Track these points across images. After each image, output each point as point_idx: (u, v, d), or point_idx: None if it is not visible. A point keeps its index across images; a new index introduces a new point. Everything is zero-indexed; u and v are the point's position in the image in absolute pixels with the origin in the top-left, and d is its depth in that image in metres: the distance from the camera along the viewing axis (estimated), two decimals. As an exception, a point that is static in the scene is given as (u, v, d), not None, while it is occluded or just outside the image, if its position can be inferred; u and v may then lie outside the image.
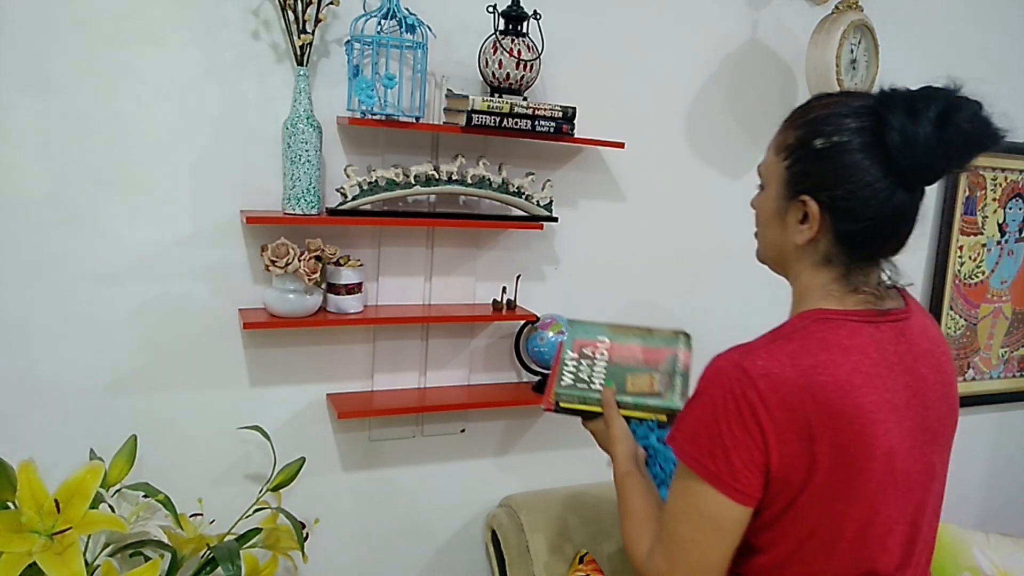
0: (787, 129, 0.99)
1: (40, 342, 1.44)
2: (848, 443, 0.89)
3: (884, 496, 0.93)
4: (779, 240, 1.01)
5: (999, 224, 2.40)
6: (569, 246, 1.84)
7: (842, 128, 0.92)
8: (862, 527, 0.93)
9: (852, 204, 0.92)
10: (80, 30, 1.37)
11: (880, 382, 0.92)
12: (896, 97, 0.92)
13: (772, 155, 1.01)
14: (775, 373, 0.89)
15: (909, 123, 0.89)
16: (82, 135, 1.40)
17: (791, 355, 0.90)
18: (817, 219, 0.94)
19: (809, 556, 0.94)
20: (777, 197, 0.99)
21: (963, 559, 2.07)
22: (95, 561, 1.33)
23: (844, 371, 0.90)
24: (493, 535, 1.79)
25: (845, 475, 0.90)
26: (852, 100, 0.95)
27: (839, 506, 0.91)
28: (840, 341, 0.92)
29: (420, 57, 1.51)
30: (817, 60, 1.86)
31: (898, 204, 0.92)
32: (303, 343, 1.63)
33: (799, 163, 0.96)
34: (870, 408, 0.90)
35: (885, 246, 0.97)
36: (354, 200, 1.50)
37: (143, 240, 1.47)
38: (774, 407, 0.88)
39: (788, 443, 0.89)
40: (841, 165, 0.92)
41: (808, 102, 1.00)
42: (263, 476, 1.60)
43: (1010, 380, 2.54)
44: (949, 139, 0.89)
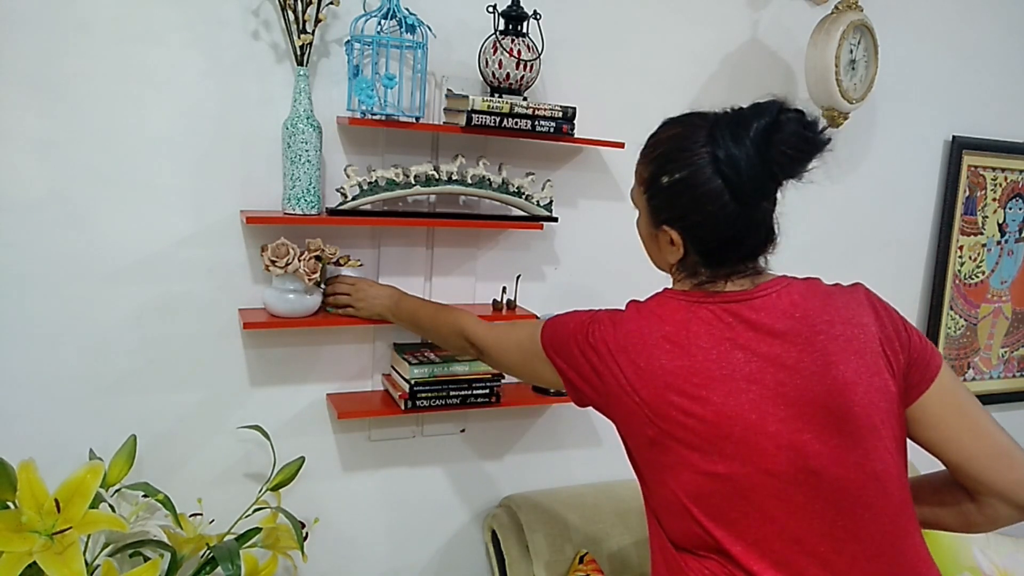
0: (643, 161, 1.10)
1: (40, 342, 1.44)
2: (655, 397, 1.00)
3: (708, 454, 0.99)
4: (657, 258, 1.14)
5: (999, 224, 2.40)
6: (569, 246, 1.84)
7: (684, 163, 1.02)
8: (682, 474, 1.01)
9: (703, 230, 1.03)
10: (81, 30, 1.37)
11: (700, 352, 1.00)
12: (722, 123, 1.01)
13: (637, 185, 1.12)
14: (607, 333, 1.07)
15: (734, 149, 0.98)
16: (82, 135, 1.40)
17: (620, 319, 1.08)
18: (680, 244, 1.06)
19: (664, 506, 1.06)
20: (647, 224, 1.11)
21: (963, 559, 2.07)
22: (95, 561, 1.33)
23: (656, 337, 1.03)
24: (493, 535, 1.79)
25: (661, 429, 1.00)
26: (693, 130, 1.03)
27: (662, 457, 1.02)
28: (665, 315, 1.05)
29: (420, 57, 1.51)
30: (817, 60, 1.86)
31: (745, 220, 1.02)
32: (303, 343, 1.63)
33: (654, 198, 1.07)
34: (674, 370, 1.00)
35: (739, 255, 1.05)
36: (354, 200, 1.50)
37: (143, 240, 1.47)
38: (612, 364, 1.05)
39: (614, 386, 1.05)
40: (688, 198, 1.02)
41: (657, 131, 1.10)
42: (263, 476, 1.60)
43: (1010, 380, 2.54)
44: (771, 158, 0.97)
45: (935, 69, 2.20)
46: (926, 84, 2.20)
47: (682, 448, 1.00)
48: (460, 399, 1.63)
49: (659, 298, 1.09)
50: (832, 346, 1.00)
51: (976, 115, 2.28)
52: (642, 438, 1.04)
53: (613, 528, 1.78)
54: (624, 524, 1.79)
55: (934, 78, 2.20)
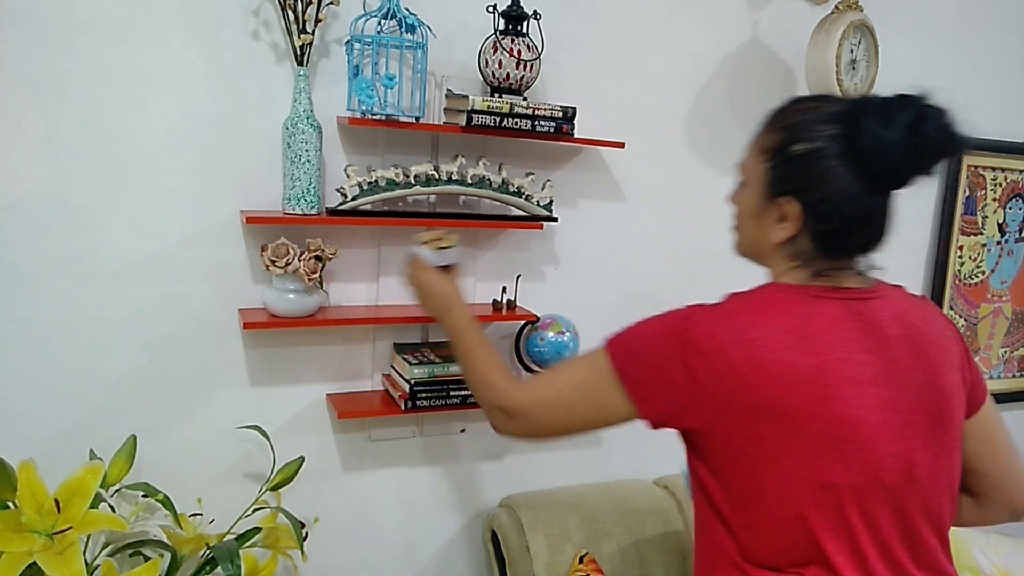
0: (768, 131, 1.04)
1: (40, 342, 1.44)
2: (782, 397, 0.93)
3: (830, 461, 0.95)
4: (757, 237, 1.07)
5: (999, 224, 2.40)
6: (569, 246, 1.84)
7: (819, 133, 0.98)
8: (798, 481, 0.96)
9: (827, 207, 0.98)
10: (81, 30, 1.37)
11: (828, 350, 0.95)
12: (870, 104, 0.97)
13: (754, 155, 1.06)
14: (713, 325, 0.97)
15: (881, 129, 0.94)
16: (83, 135, 1.40)
17: (729, 311, 1.00)
18: (796, 220, 1.00)
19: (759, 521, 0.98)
20: (758, 196, 1.05)
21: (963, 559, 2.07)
22: (95, 561, 1.33)
23: (779, 330, 0.96)
24: (493, 535, 1.79)
25: (781, 431, 0.94)
26: (829, 106, 1.00)
27: (771, 467, 0.95)
28: (786, 308, 0.98)
29: (420, 57, 1.51)
30: (817, 60, 1.86)
31: (870, 207, 0.99)
32: (303, 343, 1.63)
33: (779, 167, 1.01)
34: (804, 368, 0.94)
35: (856, 244, 1.03)
36: (354, 200, 1.50)
37: (143, 240, 1.47)
38: (715, 362, 0.95)
39: (716, 395, 0.95)
40: (818, 170, 0.98)
41: (787, 105, 1.04)
42: (263, 476, 1.60)
43: (1010, 380, 2.54)
44: (918, 146, 0.94)
45: (935, 69, 2.20)
46: (926, 84, 2.19)
47: (801, 454, 0.94)
48: (460, 399, 1.63)
49: (770, 291, 1.02)
50: (937, 357, 1.02)
51: (976, 115, 2.26)
52: (746, 445, 0.96)
53: (613, 528, 1.78)
54: (624, 524, 1.79)
55: (934, 78, 2.20)
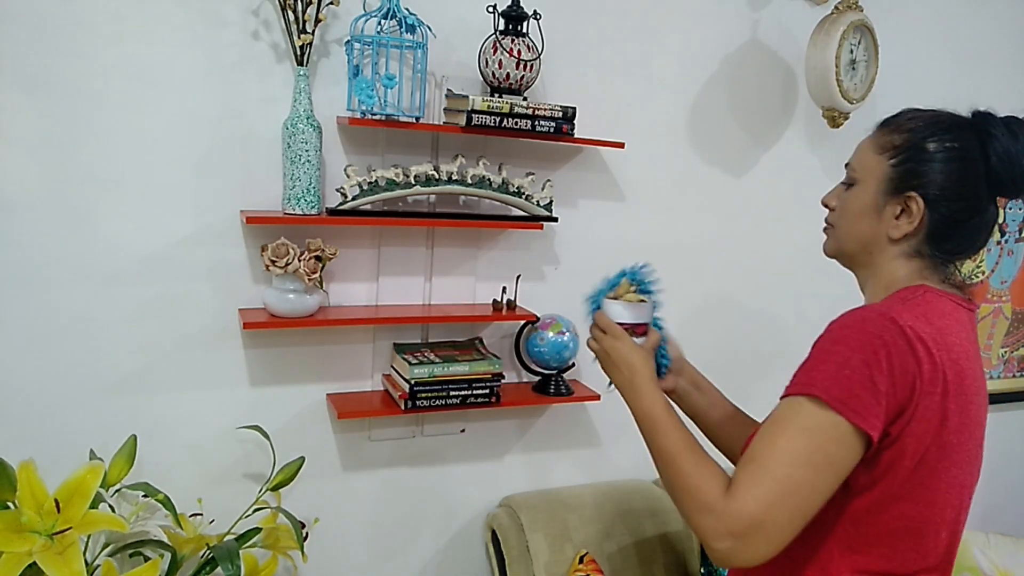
0: (890, 132, 1.07)
1: (40, 342, 1.44)
2: (967, 406, 0.95)
3: (972, 468, 1.01)
4: (869, 233, 1.06)
5: (999, 224, 2.39)
6: (569, 246, 1.84)
7: (951, 136, 1.02)
8: (949, 501, 0.99)
9: (954, 205, 1.01)
10: (81, 30, 1.37)
11: (973, 354, 1.00)
12: (995, 118, 1.04)
13: (872, 154, 1.07)
14: (920, 328, 0.93)
15: (1010, 141, 1.02)
16: (82, 135, 1.40)
17: (925, 315, 0.96)
18: (919, 215, 1.02)
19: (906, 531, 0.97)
20: (876, 193, 1.05)
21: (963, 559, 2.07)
22: (95, 561, 1.33)
23: (960, 339, 0.97)
24: (493, 535, 1.79)
25: (963, 438, 0.96)
26: (949, 115, 1.06)
27: (954, 470, 0.97)
28: (951, 312, 1.00)
29: (420, 57, 1.51)
30: (817, 60, 1.86)
31: (984, 211, 1.04)
32: (303, 343, 1.63)
33: (909, 162, 1.03)
34: (976, 377, 0.98)
35: (964, 248, 1.05)
36: (354, 200, 1.50)
37: (143, 240, 1.47)
38: (923, 358, 0.91)
39: (932, 395, 0.92)
40: (948, 168, 1.01)
41: (905, 111, 1.09)
42: (263, 476, 1.60)
43: (1010, 380, 2.54)
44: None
45: (935, 69, 2.20)
46: (926, 84, 2.19)
47: (960, 457, 0.97)
48: (460, 399, 1.63)
49: (933, 295, 1.01)
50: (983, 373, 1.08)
51: (976, 115, 2.28)
52: (921, 451, 0.93)
53: (613, 528, 1.78)
54: (624, 524, 1.80)
55: (934, 78, 2.20)
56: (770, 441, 0.90)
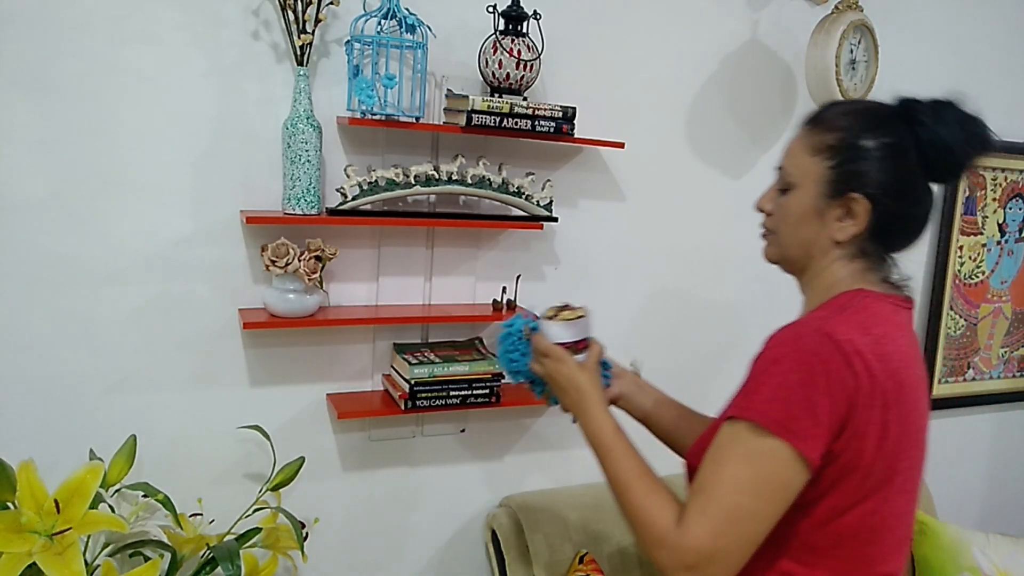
0: (821, 131, 1.03)
1: (40, 342, 1.44)
2: (909, 414, 0.95)
3: (916, 472, 1.01)
4: (812, 238, 1.04)
5: (999, 224, 2.40)
6: (569, 246, 1.84)
7: (887, 130, 0.99)
8: (910, 500, 1.00)
9: (897, 201, 0.99)
10: (81, 30, 1.37)
11: (915, 361, 0.99)
12: (920, 104, 1.00)
13: (806, 156, 1.04)
14: (858, 340, 0.91)
15: (939, 126, 0.97)
16: (82, 135, 1.40)
17: (863, 324, 0.94)
18: (864, 216, 0.99)
19: (865, 535, 0.97)
20: (815, 196, 1.02)
21: (963, 559, 2.07)
22: (95, 561, 1.33)
23: (899, 344, 0.96)
24: (493, 535, 1.79)
25: (905, 446, 0.96)
26: (875, 106, 1.03)
27: (899, 479, 0.96)
28: (890, 317, 0.98)
29: (420, 57, 1.51)
30: (817, 60, 1.86)
31: (929, 202, 1.02)
32: (303, 343, 1.63)
33: (847, 163, 1.00)
34: (916, 384, 0.97)
35: (907, 241, 1.04)
36: (354, 200, 1.50)
37: (143, 240, 1.47)
38: (860, 373, 0.90)
39: (871, 408, 0.91)
40: (890, 164, 0.98)
41: (830, 106, 1.05)
42: (263, 476, 1.60)
43: (1010, 380, 2.54)
44: (969, 140, 0.97)
45: (935, 69, 2.20)
46: (926, 84, 2.19)
47: (904, 465, 0.97)
48: (460, 399, 1.63)
49: (870, 298, 0.99)
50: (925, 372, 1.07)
51: (976, 115, 2.28)
52: (878, 454, 0.93)
53: (613, 528, 1.78)
54: (624, 524, 1.79)
55: (934, 78, 2.20)
56: (715, 469, 0.91)
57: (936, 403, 2.41)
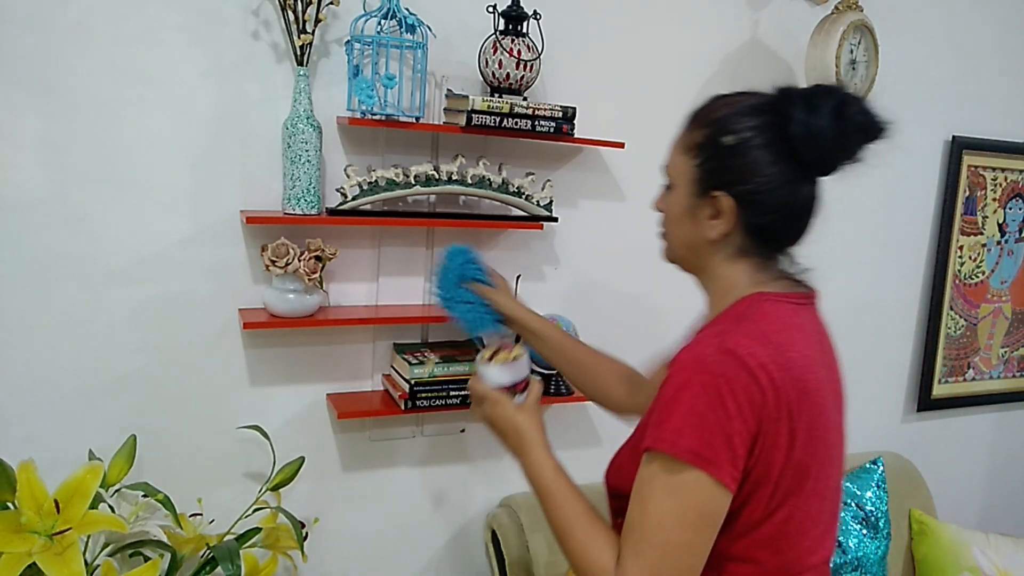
0: (693, 129, 1.03)
1: (40, 342, 1.44)
2: (816, 417, 0.94)
3: (836, 468, 1.01)
4: (691, 237, 1.04)
5: (999, 224, 2.39)
6: (569, 246, 1.84)
7: (747, 125, 0.97)
8: (825, 498, 1.00)
9: (762, 198, 0.97)
10: (81, 30, 1.37)
11: (816, 358, 0.96)
12: (794, 94, 0.96)
13: (679, 155, 1.05)
14: (760, 353, 0.89)
15: (809, 117, 0.94)
16: (82, 135, 1.40)
17: (764, 333, 0.92)
18: (730, 214, 0.98)
19: (783, 541, 0.96)
20: (688, 195, 1.02)
21: (963, 559, 2.07)
22: (95, 561, 1.33)
23: (801, 347, 0.94)
24: (493, 535, 1.79)
25: (813, 450, 0.94)
26: (752, 99, 0.99)
27: (810, 483, 0.95)
28: (790, 320, 0.96)
29: (420, 57, 1.51)
30: (817, 60, 1.86)
31: (802, 196, 0.98)
32: (303, 343, 1.63)
33: (710, 161, 0.99)
34: (820, 385, 0.95)
35: (791, 237, 1.02)
36: (354, 200, 1.50)
37: (143, 240, 1.47)
38: (766, 387, 0.88)
39: (778, 421, 0.90)
40: (750, 160, 0.96)
41: (708, 103, 1.04)
42: (263, 476, 1.60)
43: (1010, 380, 2.54)
44: (845, 130, 0.94)
45: (935, 69, 2.20)
46: (926, 84, 2.19)
47: (815, 468, 0.95)
48: (460, 399, 1.63)
49: (768, 302, 0.97)
50: (836, 363, 1.06)
51: (976, 115, 2.28)
52: (787, 464, 0.92)
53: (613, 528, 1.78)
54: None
55: (934, 78, 2.20)
56: (642, 508, 0.91)
57: (936, 403, 2.41)
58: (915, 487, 2.22)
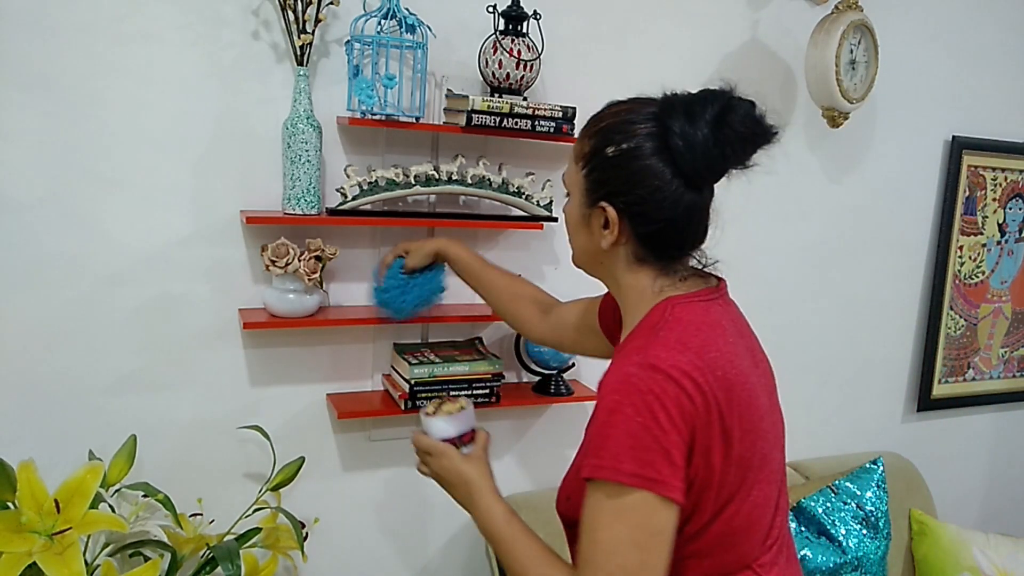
0: (584, 138, 1.03)
1: (40, 342, 1.44)
2: (747, 409, 0.94)
3: (777, 450, 1.02)
4: (588, 245, 1.05)
5: (999, 224, 2.39)
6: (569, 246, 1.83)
7: (631, 135, 0.96)
8: (771, 482, 1.00)
9: (646, 207, 0.96)
10: (80, 30, 1.37)
11: (737, 350, 0.97)
12: (676, 102, 0.96)
13: (572, 163, 1.05)
14: (681, 361, 0.89)
15: (688, 127, 0.93)
16: (82, 135, 1.40)
17: (680, 340, 0.92)
18: (616, 223, 0.98)
19: (735, 535, 0.97)
20: (580, 204, 1.03)
21: (963, 559, 2.07)
22: (95, 561, 1.33)
23: (720, 344, 0.94)
24: (493, 535, 1.79)
25: (751, 443, 0.95)
26: (640, 107, 0.98)
27: (753, 473, 0.96)
28: (704, 319, 0.97)
29: (420, 57, 1.51)
30: (817, 60, 1.86)
31: (688, 203, 0.97)
32: (303, 343, 1.63)
33: (595, 171, 1.00)
34: (744, 376, 0.95)
35: (685, 242, 1.02)
36: (354, 200, 1.50)
37: (143, 240, 1.47)
38: (694, 394, 0.88)
39: (710, 425, 0.90)
40: (632, 171, 0.96)
41: (600, 111, 1.03)
42: (263, 476, 1.60)
43: (1010, 380, 2.54)
44: (725, 139, 0.93)
45: (935, 69, 2.20)
46: (926, 84, 2.19)
47: (756, 459, 0.96)
48: (460, 399, 1.63)
49: (679, 307, 0.98)
50: (758, 346, 1.07)
51: (976, 115, 2.28)
52: (727, 462, 0.92)
53: (613, 528, 1.78)
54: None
55: (934, 78, 2.20)
56: (592, 537, 0.90)
57: (936, 403, 2.41)
58: (915, 487, 2.22)
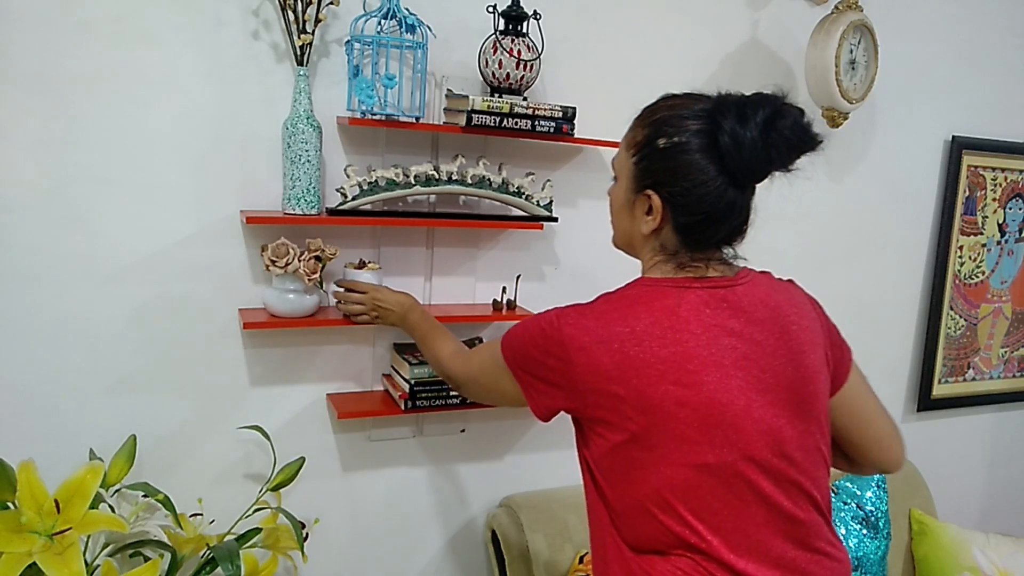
0: (637, 127, 1.09)
1: (40, 342, 1.44)
2: (646, 387, 0.98)
3: (699, 444, 0.98)
4: (628, 229, 1.13)
5: (999, 224, 2.40)
6: (569, 246, 1.84)
7: (682, 129, 1.02)
8: (669, 467, 0.99)
9: (689, 199, 1.03)
10: (80, 30, 1.37)
11: (692, 338, 1.00)
12: (729, 102, 1.01)
13: (623, 150, 1.12)
14: (580, 324, 1.03)
15: (738, 127, 0.98)
16: (82, 135, 1.40)
17: (596, 310, 1.05)
18: (660, 211, 1.05)
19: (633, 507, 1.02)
20: (626, 190, 1.11)
21: (963, 559, 2.07)
22: (95, 561, 1.33)
23: (642, 325, 1.00)
24: (493, 535, 1.79)
25: (650, 420, 0.98)
26: (693, 103, 1.04)
27: (645, 454, 0.99)
28: (646, 299, 1.03)
29: (420, 57, 1.51)
30: (817, 60, 1.86)
31: (729, 200, 1.03)
32: (303, 343, 1.63)
33: (644, 160, 1.06)
34: (668, 357, 0.98)
35: (717, 237, 1.07)
36: (354, 200, 1.50)
37: (143, 240, 1.47)
38: (574, 351, 1.02)
39: (591, 381, 1.01)
40: (679, 163, 1.02)
41: (656, 102, 1.09)
42: (263, 476, 1.60)
43: (1010, 380, 2.54)
44: (772, 143, 0.99)
45: (935, 69, 2.20)
46: (926, 84, 2.19)
47: (671, 440, 0.98)
48: (460, 399, 1.63)
49: (635, 287, 1.08)
50: (800, 336, 1.06)
51: (976, 115, 2.28)
52: (620, 435, 1.01)
53: (613, 528, 1.78)
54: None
55: (934, 78, 2.20)
56: (484, 350, 1.26)
57: (936, 403, 2.41)
58: (915, 487, 2.22)
